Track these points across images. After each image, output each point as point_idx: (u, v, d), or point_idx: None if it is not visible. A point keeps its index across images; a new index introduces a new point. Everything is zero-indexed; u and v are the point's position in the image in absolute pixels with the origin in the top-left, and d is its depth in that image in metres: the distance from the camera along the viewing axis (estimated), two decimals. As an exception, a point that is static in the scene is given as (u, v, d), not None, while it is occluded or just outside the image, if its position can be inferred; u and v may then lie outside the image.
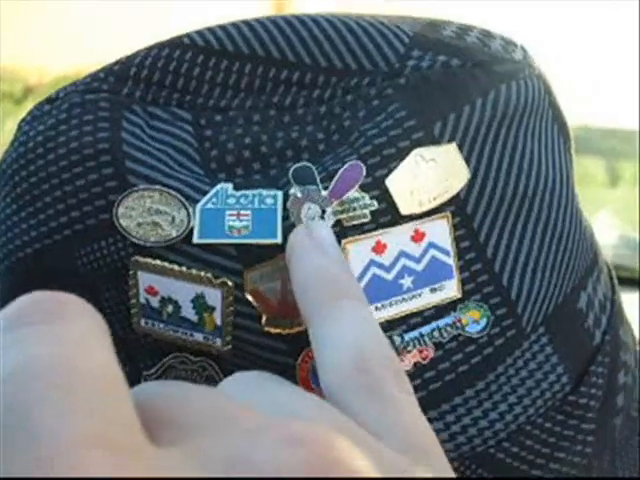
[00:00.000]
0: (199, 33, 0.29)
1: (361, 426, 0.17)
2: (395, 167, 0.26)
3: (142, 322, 0.27)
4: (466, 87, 0.28)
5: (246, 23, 0.29)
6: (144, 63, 0.29)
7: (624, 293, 0.36)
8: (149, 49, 0.29)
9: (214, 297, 0.26)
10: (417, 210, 0.26)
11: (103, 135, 0.27)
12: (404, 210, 0.26)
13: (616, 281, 0.34)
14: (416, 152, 0.27)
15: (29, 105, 0.31)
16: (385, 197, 0.26)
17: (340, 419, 0.17)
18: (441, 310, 0.27)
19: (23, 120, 0.30)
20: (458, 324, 0.27)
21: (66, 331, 0.14)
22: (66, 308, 0.15)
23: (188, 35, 0.29)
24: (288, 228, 0.26)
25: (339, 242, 0.26)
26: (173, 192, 0.26)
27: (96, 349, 0.14)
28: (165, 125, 0.28)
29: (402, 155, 0.26)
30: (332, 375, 0.20)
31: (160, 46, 0.29)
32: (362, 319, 0.21)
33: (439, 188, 0.26)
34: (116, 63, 0.30)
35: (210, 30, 0.29)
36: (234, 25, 0.29)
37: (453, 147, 0.27)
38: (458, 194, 0.27)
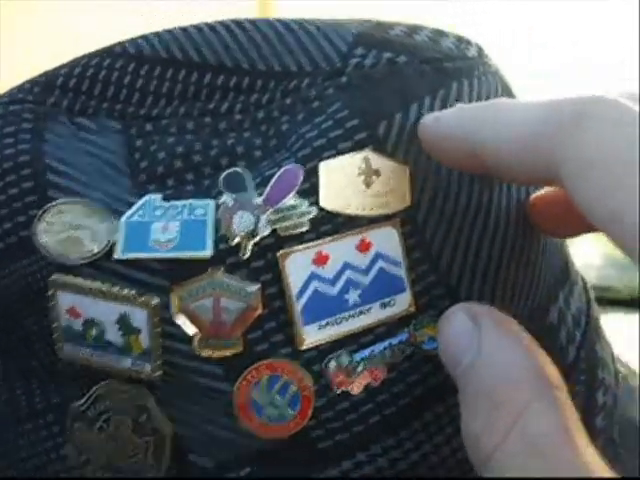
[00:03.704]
0: (131, 41, 0.28)
1: None
2: None
3: (66, 348, 0.25)
4: (414, 84, 0.26)
5: (182, 29, 0.28)
6: (72, 72, 0.27)
7: (609, 314, 0.33)
8: (79, 59, 0.28)
9: (139, 317, 0.23)
10: (340, 209, 0.24)
11: (24, 147, 0.25)
12: (324, 203, 0.24)
13: (592, 295, 0.31)
14: (365, 153, 0.25)
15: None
16: None
17: None
18: (393, 327, 0.25)
19: None
20: (413, 341, 0.25)
21: None
22: None
23: (120, 43, 0.28)
24: (219, 240, 0.24)
25: (274, 254, 0.24)
26: (95, 204, 0.24)
27: None
28: (93, 136, 0.26)
29: None
30: None
31: (90, 55, 0.28)
32: None
33: (372, 201, 0.24)
34: (44, 74, 0.28)
35: (143, 37, 0.28)
36: (169, 32, 0.28)
37: (405, 170, 0.25)
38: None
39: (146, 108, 0.27)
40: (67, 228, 0.24)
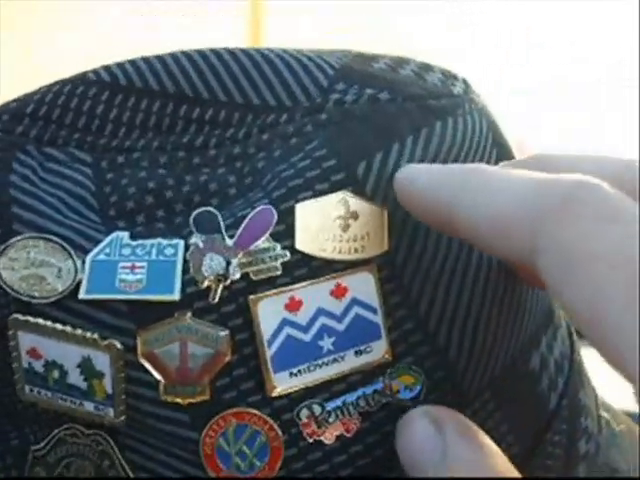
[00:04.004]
0: (106, 68, 0.27)
1: None
2: None
3: (27, 389, 0.24)
4: (396, 123, 0.25)
5: (158, 58, 0.27)
6: (44, 100, 0.26)
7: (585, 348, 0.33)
8: (51, 85, 0.27)
9: (102, 361, 0.22)
10: (315, 253, 0.23)
11: None
12: (299, 246, 0.23)
13: (576, 338, 0.30)
14: (343, 195, 0.24)
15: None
16: None
17: None
18: (368, 375, 0.24)
19: None
20: (388, 391, 0.24)
21: None
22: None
23: (94, 70, 0.27)
24: (187, 282, 0.23)
25: (246, 299, 0.23)
26: (60, 241, 0.23)
27: None
28: (61, 167, 0.25)
29: None
30: None
31: (63, 82, 0.27)
32: None
33: (349, 245, 0.23)
34: (14, 100, 0.27)
35: (118, 65, 0.27)
36: (144, 60, 0.27)
37: (384, 213, 0.24)
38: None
39: (118, 139, 0.26)
40: (31, 265, 0.23)
